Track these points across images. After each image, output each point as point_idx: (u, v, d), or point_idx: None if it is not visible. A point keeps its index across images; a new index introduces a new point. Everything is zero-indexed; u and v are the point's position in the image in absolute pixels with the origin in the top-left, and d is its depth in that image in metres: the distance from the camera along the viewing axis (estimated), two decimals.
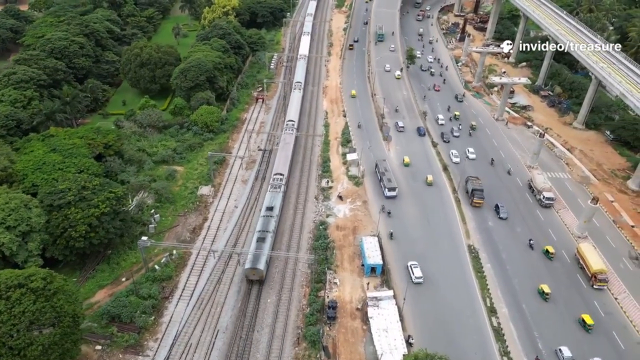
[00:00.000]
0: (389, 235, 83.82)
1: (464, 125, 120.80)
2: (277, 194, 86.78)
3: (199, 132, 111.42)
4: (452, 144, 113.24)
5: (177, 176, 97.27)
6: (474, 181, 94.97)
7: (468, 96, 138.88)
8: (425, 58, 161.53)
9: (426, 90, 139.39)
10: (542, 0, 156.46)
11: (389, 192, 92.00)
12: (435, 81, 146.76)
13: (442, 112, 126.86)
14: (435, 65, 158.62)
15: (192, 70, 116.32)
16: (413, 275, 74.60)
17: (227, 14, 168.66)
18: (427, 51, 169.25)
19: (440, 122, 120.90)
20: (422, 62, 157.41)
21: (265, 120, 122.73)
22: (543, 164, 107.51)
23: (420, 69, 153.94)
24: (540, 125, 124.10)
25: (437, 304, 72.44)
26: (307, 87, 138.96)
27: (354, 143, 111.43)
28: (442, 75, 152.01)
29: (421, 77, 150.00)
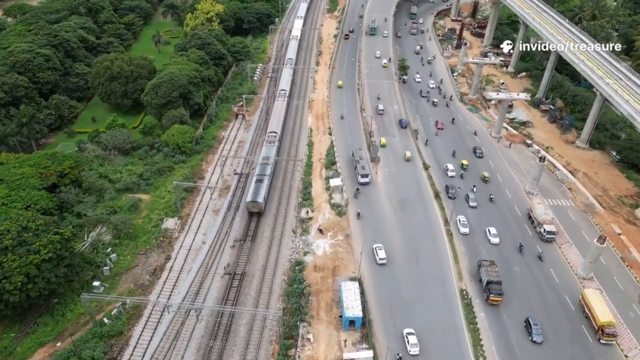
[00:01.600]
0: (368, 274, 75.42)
1: (475, 179, 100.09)
2: (272, 147, 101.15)
3: (170, 154, 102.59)
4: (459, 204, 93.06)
5: (141, 206, 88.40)
6: (488, 269, 74.13)
7: (463, 110, 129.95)
8: (426, 82, 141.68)
9: (427, 127, 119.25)
10: (543, 7, 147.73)
11: (362, 178, 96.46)
12: (439, 115, 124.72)
13: (448, 158, 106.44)
14: (440, 96, 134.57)
15: (164, 85, 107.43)
16: (408, 344, 65.00)
17: (211, 21, 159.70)
18: (427, 72, 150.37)
19: (450, 173, 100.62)
20: (421, 87, 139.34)
21: (244, 138, 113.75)
22: (543, 189, 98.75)
23: (420, 94, 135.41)
24: (540, 144, 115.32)
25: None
26: (292, 100, 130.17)
27: (338, 166, 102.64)
28: (448, 105, 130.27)
29: (420, 106, 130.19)
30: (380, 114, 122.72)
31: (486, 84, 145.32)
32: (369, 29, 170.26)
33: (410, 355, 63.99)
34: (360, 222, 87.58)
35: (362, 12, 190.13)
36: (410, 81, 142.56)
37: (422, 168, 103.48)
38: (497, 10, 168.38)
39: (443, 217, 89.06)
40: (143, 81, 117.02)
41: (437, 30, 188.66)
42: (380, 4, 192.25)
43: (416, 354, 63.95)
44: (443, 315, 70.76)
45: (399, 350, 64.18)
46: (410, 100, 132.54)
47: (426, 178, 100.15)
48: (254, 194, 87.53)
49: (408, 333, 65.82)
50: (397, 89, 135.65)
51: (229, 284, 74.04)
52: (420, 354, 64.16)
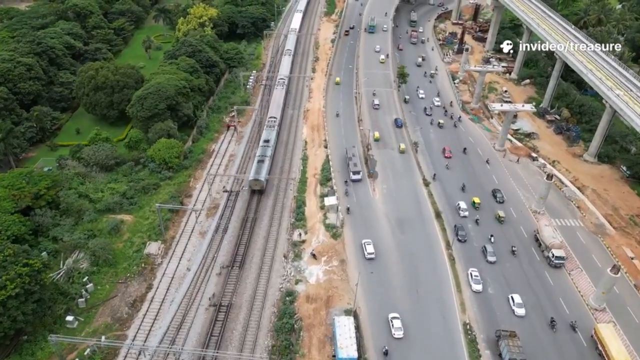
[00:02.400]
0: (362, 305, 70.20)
1: (489, 218, 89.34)
2: (272, 130, 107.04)
3: (156, 169, 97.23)
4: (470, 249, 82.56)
5: (123, 229, 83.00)
6: (510, 344, 63.33)
7: (465, 120, 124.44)
8: (430, 99, 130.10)
9: (433, 154, 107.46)
10: (548, 12, 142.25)
11: (354, 175, 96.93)
12: (446, 139, 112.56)
13: (458, 193, 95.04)
14: (447, 118, 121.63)
15: (150, 97, 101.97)
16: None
17: (204, 26, 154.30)
18: (431, 89, 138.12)
19: (463, 213, 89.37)
20: (425, 103, 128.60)
21: (235, 152, 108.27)
22: (550, 207, 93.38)
23: (424, 112, 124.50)
24: (546, 158, 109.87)
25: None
26: (286, 110, 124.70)
27: (334, 182, 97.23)
28: (456, 126, 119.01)
29: (423, 125, 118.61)
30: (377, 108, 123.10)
31: (489, 92, 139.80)
32: (368, 27, 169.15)
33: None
34: (357, 244, 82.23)
35: (361, 14, 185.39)
36: (413, 98, 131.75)
37: (422, 184, 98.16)
38: (500, 14, 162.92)
39: (444, 240, 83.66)
40: (130, 91, 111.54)
41: (437, 34, 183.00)
42: (379, 8, 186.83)
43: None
44: (445, 353, 65.39)
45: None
46: (413, 114, 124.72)
47: (426, 195, 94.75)
48: (256, 172, 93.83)
49: None
50: (396, 97, 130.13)
51: (213, 317, 68.66)
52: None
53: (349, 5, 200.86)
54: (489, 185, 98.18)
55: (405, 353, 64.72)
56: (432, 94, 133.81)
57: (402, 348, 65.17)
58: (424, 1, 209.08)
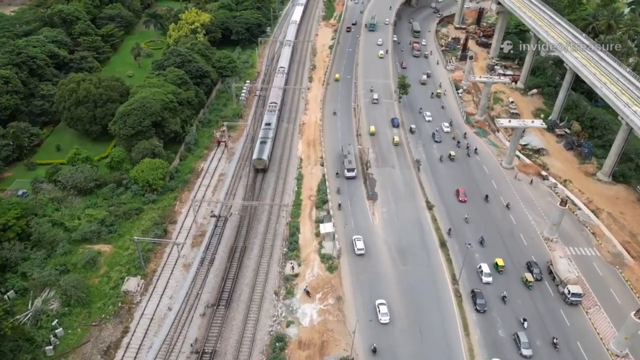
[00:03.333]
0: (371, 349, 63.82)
1: (515, 282, 76.20)
2: (273, 115, 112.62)
3: (139, 192, 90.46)
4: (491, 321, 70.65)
5: (100, 261, 76.27)
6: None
7: (470, 134, 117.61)
8: (440, 124, 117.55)
9: (444, 195, 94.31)
10: (556, 19, 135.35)
11: (348, 172, 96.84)
12: (459, 176, 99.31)
13: (477, 248, 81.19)
14: (459, 149, 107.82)
15: (134, 114, 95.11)
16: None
17: (196, 32, 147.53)
18: (439, 111, 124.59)
19: (486, 278, 74.98)
20: (432, 126, 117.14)
21: (226, 171, 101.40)
22: (564, 234, 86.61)
23: (432, 138, 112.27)
24: (557, 176, 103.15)
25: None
26: (281, 124, 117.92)
27: (330, 205, 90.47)
28: (469, 155, 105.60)
29: (434, 163, 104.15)
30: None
31: (494, 103, 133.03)
32: (369, 25, 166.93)
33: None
34: (354, 278, 75.54)
35: (360, 18, 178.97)
36: (418, 121, 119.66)
37: (424, 207, 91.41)
38: (505, 19, 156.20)
39: (450, 273, 76.95)
40: (114, 105, 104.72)
41: (439, 39, 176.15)
42: (380, 11, 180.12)
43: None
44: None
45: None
46: (420, 144, 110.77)
47: (430, 220, 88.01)
48: (260, 152, 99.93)
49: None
50: (396, 109, 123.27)
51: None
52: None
53: (348, 8, 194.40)
54: (515, 246, 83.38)
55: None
56: (439, 117, 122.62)
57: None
58: (426, 4, 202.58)
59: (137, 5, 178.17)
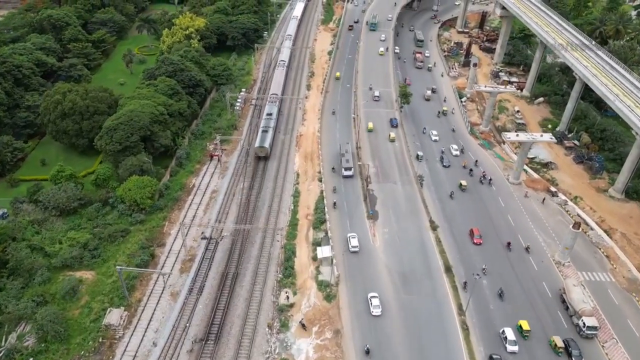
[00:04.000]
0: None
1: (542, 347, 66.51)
2: (274, 105, 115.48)
3: (126, 212, 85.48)
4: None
5: (82, 290, 71.25)
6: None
7: (475, 146, 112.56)
8: (448, 147, 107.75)
9: (459, 236, 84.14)
10: (564, 25, 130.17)
11: (345, 171, 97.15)
12: (474, 212, 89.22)
13: (496, 303, 72.44)
14: (471, 177, 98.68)
15: (121, 128, 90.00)
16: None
17: (190, 38, 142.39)
18: (447, 131, 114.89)
19: (511, 348, 64.85)
20: (438, 146, 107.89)
21: (218, 187, 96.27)
22: (576, 257, 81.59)
23: (441, 163, 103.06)
24: (567, 192, 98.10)
25: None
26: (277, 135, 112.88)
27: (328, 226, 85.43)
28: (482, 182, 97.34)
29: (443, 196, 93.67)
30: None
31: (499, 112, 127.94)
32: (370, 24, 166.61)
33: None
34: (353, 310, 70.54)
35: (362, 17, 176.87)
36: (424, 143, 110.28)
37: (428, 227, 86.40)
38: (509, 24, 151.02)
39: (456, 303, 71.96)
40: (101, 117, 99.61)
41: (441, 44, 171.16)
42: (380, 14, 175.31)
43: None
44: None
45: None
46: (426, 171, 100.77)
47: (434, 242, 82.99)
48: (262, 140, 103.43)
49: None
50: (398, 120, 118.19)
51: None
52: None
53: (348, 11, 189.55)
54: (525, 271, 77.38)
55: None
56: (447, 137, 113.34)
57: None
58: (427, 7, 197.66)
59: (131, 9, 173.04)
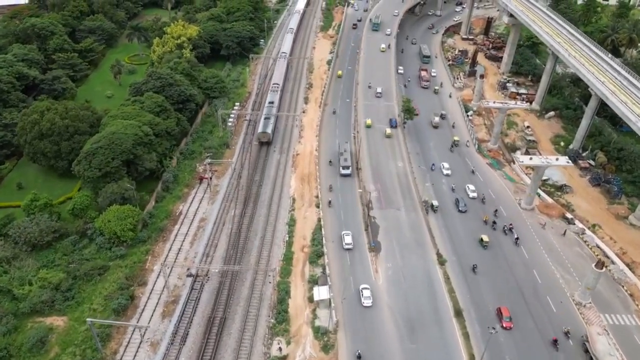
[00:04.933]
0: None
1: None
2: (275, 94, 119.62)
3: (105, 245, 78.35)
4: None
5: (51, 341, 64.06)
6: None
7: (483, 166, 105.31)
8: (461, 183, 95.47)
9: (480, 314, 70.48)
10: (577, 35, 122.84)
11: (343, 170, 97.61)
12: (502, 281, 74.86)
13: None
14: (495, 231, 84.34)
15: (101, 153, 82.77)
16: None
17: (182, 47, 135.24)
18: (460, 166, 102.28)
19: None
20: (451, 182, 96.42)
21: (207, 214, 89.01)
22: (597, 297, 74.13)
23: (456, 207, 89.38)
24: (584, 219, 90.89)
25: None
26: (272, 155, 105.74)
27: (327, 261, 78.21)
28: (505, 233, 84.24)
29: (462, 254, 79.92)
30: None
31: (508, 127, 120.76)
32: (372, 25, 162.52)
33: None
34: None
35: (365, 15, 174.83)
36: (436, 181, 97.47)
37: (435, 262, 79.18)
38: (517, 32, 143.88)
39: (468, 353, 64.74)
40: (82, 138, 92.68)
41: (445, 52, 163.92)
42: (383, 16, 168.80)
43: None
44: None
45: None
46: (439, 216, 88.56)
47: (442, 280, 75.65)
48: (264, 127, 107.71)
49: None
50: (401, 137, 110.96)
51: None
52: None
53: (348, 16, 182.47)
54: (543, 314, 69.43)
55: None
56: (461, 172, 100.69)
57: None
58: (430, 11, 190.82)
59: (122, 16, 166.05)
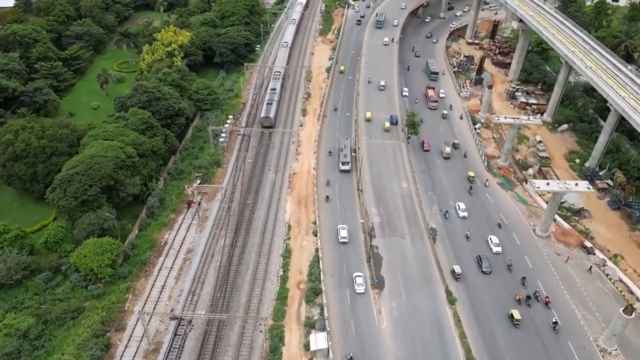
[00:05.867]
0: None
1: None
2: (277, 81, 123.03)
3: (80, 283, 71.17)
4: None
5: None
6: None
7: (492, 183, 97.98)
8: (481, 235, 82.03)
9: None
10: (592, 43, 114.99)
11: (343, 166, 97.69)
12: None
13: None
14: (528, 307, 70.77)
15: (77, 179, 75.29)
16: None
17: (173, 56, 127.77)
18: (478, 208, 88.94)
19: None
20: (466, 227, 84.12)
21: (195, 245, 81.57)
22: (623, 341, 67.20)
23: (478, 266, 76.78)
24: (604, 248, 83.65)
25: None
26: (265, 174, 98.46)
27: (325, 300, 70.96)
28: (538, 300, 71.84)
29: (489, 333, 67.00)
30: None
31: (519, 142, 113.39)
32: (376, 22, 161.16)
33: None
34: None
35: None
36: (452, 230, 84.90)
37: (444, 300, 72.00)
38: (527, 38, 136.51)
39: None
40: (60, 159, 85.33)
41: (450, 57, 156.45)
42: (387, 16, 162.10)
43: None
44: None
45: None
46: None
47: (452, 322, 68.51)
48: (267, 111, 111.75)
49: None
50: (404, 154, 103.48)
51: None
52: None
53: (348, 19, 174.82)
54: None
55: None
56: (479, 219, 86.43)
57: None
58: (434, 13, 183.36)
59: (111, 20, 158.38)
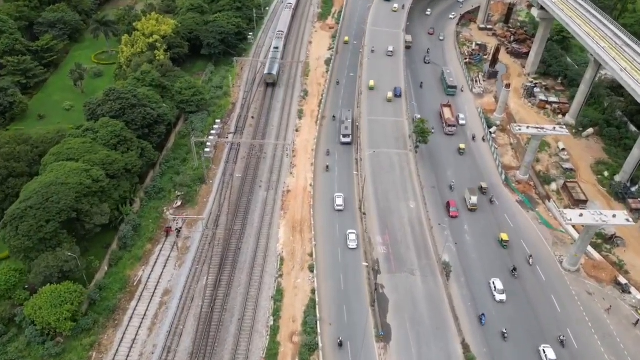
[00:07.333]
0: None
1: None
2: (280, 40, 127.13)
3: (37, 338, 60.72)
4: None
5: None
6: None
7: (512, 205, 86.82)
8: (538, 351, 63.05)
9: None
10: (625, 38, 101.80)
11: (344, 138, 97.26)
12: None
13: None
14: None
15: (31, 215, 63.75)
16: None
17: (155, 48, 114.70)
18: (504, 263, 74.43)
19: None
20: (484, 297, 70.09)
21: (173, 284, 70.59)
22: None
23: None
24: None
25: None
26: (255, 191, 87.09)
27: (322, 357, 60.78)
28: None
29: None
30: None
31: (539, 150, 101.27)
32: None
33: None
34: None
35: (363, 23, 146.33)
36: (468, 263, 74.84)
37: (460, 355, 61.73)
38: (548, 28, 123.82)
39: None
40: (19, 181, 74.01)
41: (461, 46, 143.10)
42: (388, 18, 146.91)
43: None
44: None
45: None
46: None
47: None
48: (270, 68, 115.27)
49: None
50: (412, 167, 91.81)
51: None
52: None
53: (349, 2, 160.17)
54: None
55: None
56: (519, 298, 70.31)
57: None
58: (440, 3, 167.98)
59: (88, 4, 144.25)
